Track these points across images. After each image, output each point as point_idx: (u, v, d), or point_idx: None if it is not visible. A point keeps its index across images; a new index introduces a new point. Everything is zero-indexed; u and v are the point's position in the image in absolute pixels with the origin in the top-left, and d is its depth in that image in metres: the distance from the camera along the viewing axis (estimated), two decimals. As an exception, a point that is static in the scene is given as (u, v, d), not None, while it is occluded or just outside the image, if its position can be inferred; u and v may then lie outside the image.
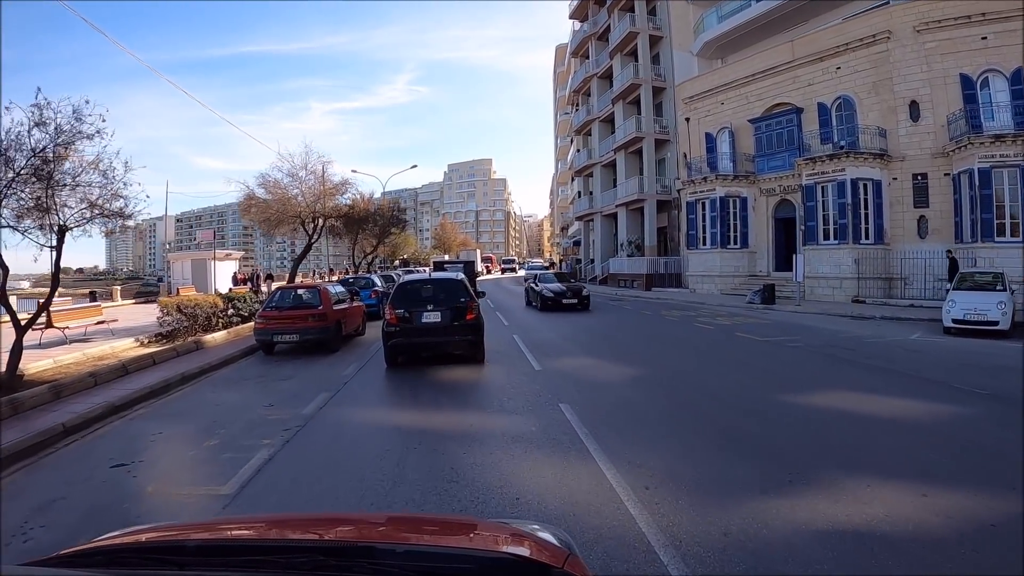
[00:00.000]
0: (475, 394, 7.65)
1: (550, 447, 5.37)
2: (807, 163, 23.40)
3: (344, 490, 4.63)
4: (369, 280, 19.24)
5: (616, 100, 34.98)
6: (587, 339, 12.92)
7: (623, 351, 11.02)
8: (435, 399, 7.38)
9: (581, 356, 10.45)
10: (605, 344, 12.03)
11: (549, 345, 11.87)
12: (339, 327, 11.82)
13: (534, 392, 7.54)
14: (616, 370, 8.94)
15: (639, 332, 13.84)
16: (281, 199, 20.40)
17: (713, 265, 26.47)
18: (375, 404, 7.50)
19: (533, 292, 21.41)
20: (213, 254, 19.59)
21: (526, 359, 10.16)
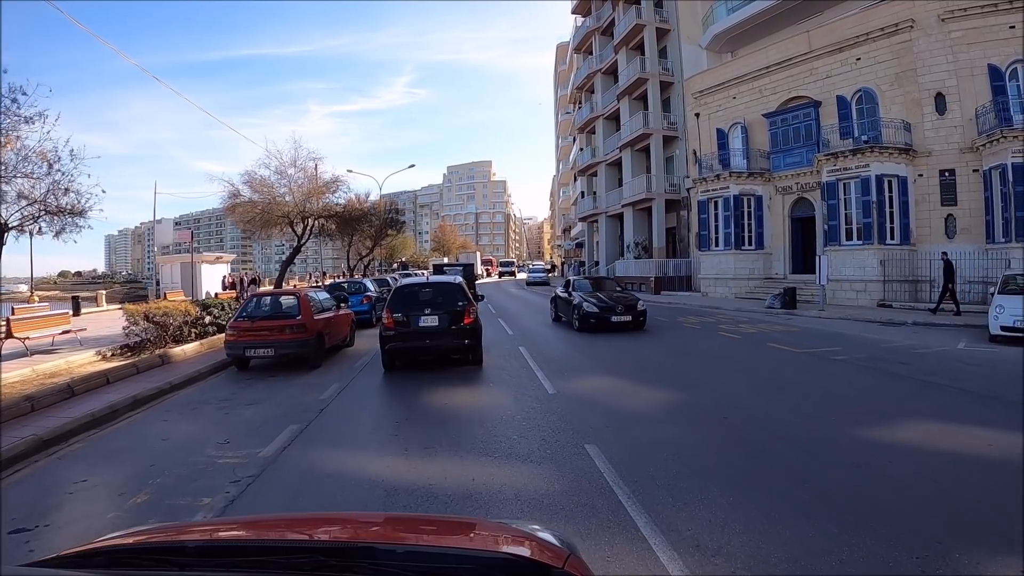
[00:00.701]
0: (477, 429, 6.18)
1: (582, 517, 3.92)
2: (828, 159, 22.00)
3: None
4: (361, 285, 17.79)
5: (621, 96, 33.59)
6: (603, 351, 11.49)
7: (648, 368, 9.55)
8: (428, 437, 5.90)
9: (599, 374, 8.99)
10: (625, 358, 10.56)
11: (563, 361, 10.41)
12: (321, 339, 10.38)
13: (551, 426, 6.08)
14: (645, 394, 7.49)
15: (661, 344, 12.34)
16: (268, 198, 18.94)
17: (727, 267, 25.03)
18: (352, 444, 6.01)
19: (565, 304, 15.93)
20: (191, 257, 18.04)
21: (536, 378, 8.73)
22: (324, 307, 11.19)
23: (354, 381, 9.05)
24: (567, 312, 15.70)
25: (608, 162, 36.95)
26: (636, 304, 14.80)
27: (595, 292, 15.59)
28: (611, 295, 15.34)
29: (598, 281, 17.90)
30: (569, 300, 15.44)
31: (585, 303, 14.45)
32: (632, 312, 14.45)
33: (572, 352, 11.30)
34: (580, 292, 15.46)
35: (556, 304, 17.30)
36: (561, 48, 68.77)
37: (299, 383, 9.13)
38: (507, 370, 9.24)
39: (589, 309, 14.28)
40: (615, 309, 14.29)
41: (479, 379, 8.65)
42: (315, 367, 10.20)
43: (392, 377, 9.34)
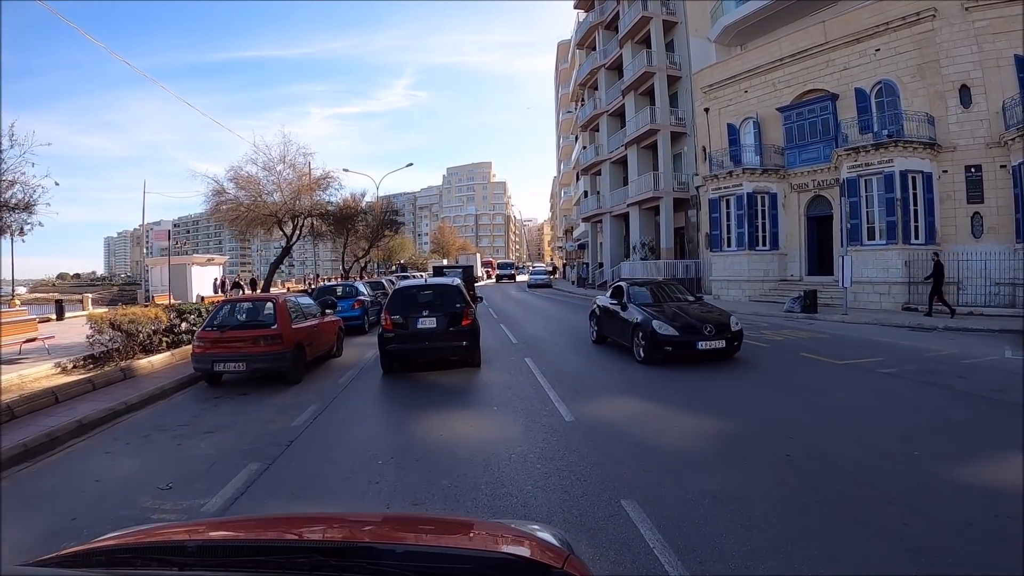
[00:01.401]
0: (481, 474, 4.78)
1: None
2: (848, 154, 20.81)
3: None
4: (353, 288, 16.53)
5: (627, 91, 32.38)
6: (617, 367, 10.25)
7: (674, 384, 8.33)
8: (418, 488, 4.56)
9: (620, 393, 7.73)
10: (643, 372, 9.32)
11: (576, 377, 9.17)
12: (300, 351, 9.14)
13: (574, 471, 4.77)
14: (681, 421, 6.21)
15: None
16: (253, 195, 17.68)
17: (740, 269, 23.79)
18: (318, 495, 4.66)
19: (615, 321, 11.37)
20: (169, 259, 16.83)
21: (548, 399, 7.48)
22: (306, 314, 9.95)
23: (336, 401, 7.81)
24: (620, 332, 11.03)
25: (612, 160, 35.72)
26: (728, 321, 10.05)
27: (660, 304, 11.07)
28: (686, 308, 10.80)
29: (659, 287, 12.68)
30: (623, 316, 10.87)
31: (655, 322, 9.72)
32: (724, 334, 9.64)
33: (584, 365, 10.03)
34: (640, 305, 10.79)
35: (599, 320, 12.47)
36: (562, 46, 67.57)
37: (272, 403, 7.90)
38: (513, 388, 8.01)
39: (664, 331, 9.51)
40: (701, 329, 9.59)
41: (481, 400, 7.42)
42: (294, 382, 8.98)
43: (380, 395, 8.16)
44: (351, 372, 9.86)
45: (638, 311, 10.51)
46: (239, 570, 1.36)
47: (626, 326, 10.67)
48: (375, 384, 8.97)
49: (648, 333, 9.72)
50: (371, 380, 9.26)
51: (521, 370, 9.41)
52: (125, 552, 1.52)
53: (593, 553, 3.39)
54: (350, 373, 9.76)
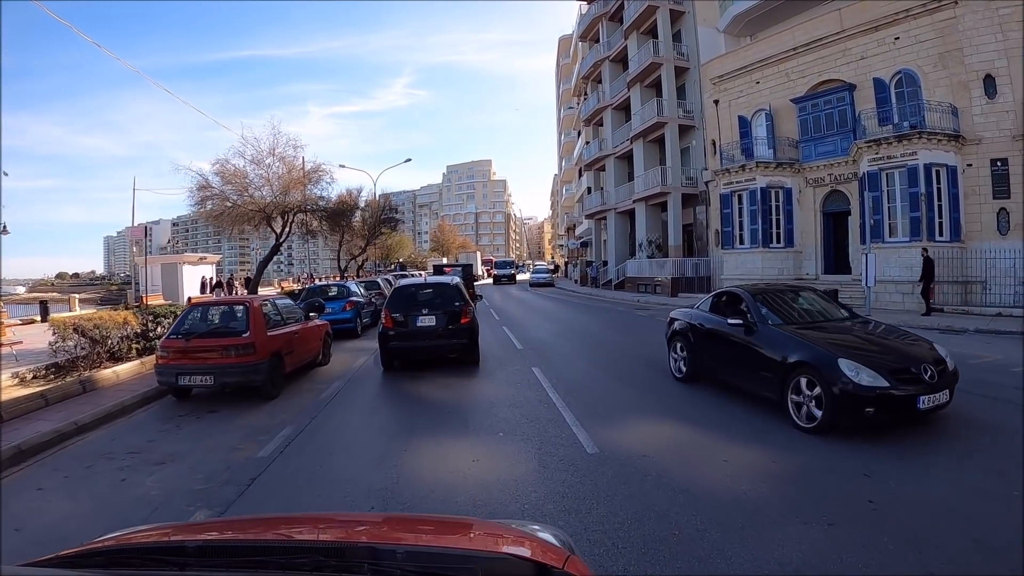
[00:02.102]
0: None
1: None
2: (869, 146, 19.72)
3: None
4: (345, 288, 15.40)
5: (632, 83, 31.25)
6: (640, 376, 9.16)
7: (711, 404, 7.12)
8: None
9: (647, 411, 6.63)
10: (671, 386, 8.13)
11: (592, 391, 8.08)
12: (277, 362, 8.05)
13: (603, 528, 3.68)
14: (734, 453, 5.12)
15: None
16: (240, 189, 16.55)
17: (753, 267, 22.69)
18: None
19: (738, 354, 7.03)
20: (145, 258, 15.64)
21: (562, 421, 6.40)
22: (286, 319, 8.85)
23: (315, 422, 6.71)
24: (748, 372, 6.88)
25: (617, 155, 34.58)
26: (942, 356, 6.10)
27: (816, 324, 6.98)
28: (863, 332, 6.69)
29: (792, 296, 7.96)
30: (754, 346, 6.72)
31: (844, 362, 5.63)
32: (945, 379, 5.82)
33: (601, 377, 8.89)
34: (789, 328, 6.64)
35: (691, 346, 8.10)
36: (563, 41, 66.43)
37: (241, 424, 6.81)
38: (521, 406, 6.91)
39: (867, 381, 5.46)
40: (921, 374, 5.65)
41: (484, 423, 6.29)
42: (271, 397, 7.89)
43: (366, 415, 7.07)
44: (336, 384, 8.76)
45: (791, 339, 6.26)
46: (239, 570, 1.35)
47: (765, 364, 6.37)
48: (361, 400, 7.92)
49: (831, 381, 5.49)
50: (358, 394, 8.19)
51: (529, 382, 8.33)
52: (125, 552, 1.52)
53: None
54: (335, 385, 8.66)
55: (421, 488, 4.51)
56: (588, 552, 3.28)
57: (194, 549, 1.49)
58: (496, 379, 8.54)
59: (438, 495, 4.33)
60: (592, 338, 13.59)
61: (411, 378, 9.08)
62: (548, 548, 1.53)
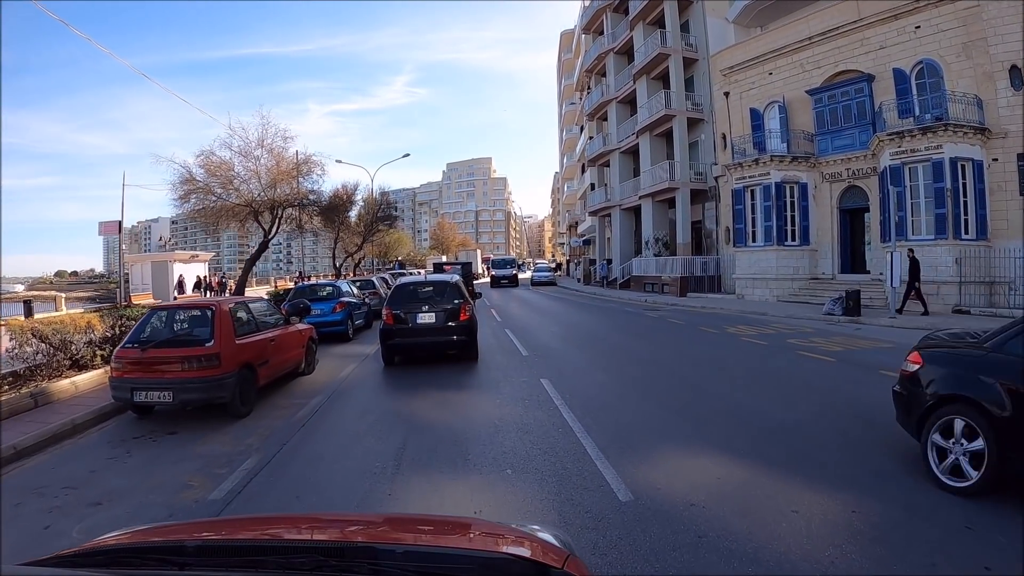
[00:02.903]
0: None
1: None
2: (891, 139, 18.69)
3: None
4: (335, 288, 14.31)
5: (638, 75, 30.16)
6: (667, 390, 8.09)
7: (757, 423, 5.96)
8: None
9: (696, 442, 5.59)
10: (705, 403, 7.00)
11: (615, 410, 7.00)
12: (248, 375, 6.98)
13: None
14: (815, 503, 4.04)
15: (732, 373, 8.69)
16: (224, 182, 15.43)
17: (768, 266, 21.64)
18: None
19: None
20: (120, 255, 14.47)
21: (584, 455, 5.34)
22: (261, 324, 7.77)
23: (285, 451, 5.60)
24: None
25: (622, 150, 33.48)
26: None
27: None
28: None
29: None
30: None
31: None
32: None
33: (622, 391, 7.77)
34: None
35: (1003, 423, 3.91)
36: (566, 36, 65.25)
37: (200, 452, 5.75)
38: (532, 432, 5.80)
39: None
40: None
41: (489, 455, 5.10)
42: (240, 416, 6.81)
43: (348, 441, 5.97)
44: (317, 399, 7.64)
45: None
46: (239, 570, 1.35)
47: None
48: (344, 420, 6.82)
49: None
50: (340, 412, 7.11)
51: (538, 398, 7.24)
52: (125, 552, 1.50)
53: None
54: (316, 401, 7.54)
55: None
56: None
57: (194, 549, 1.49)
58: (501, 393, 7.48)
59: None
60: (604, 343, 12.49)
61: (403, 391, 8.05)
62: (548, 548, 1.51)
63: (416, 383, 8.42)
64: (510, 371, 9.06)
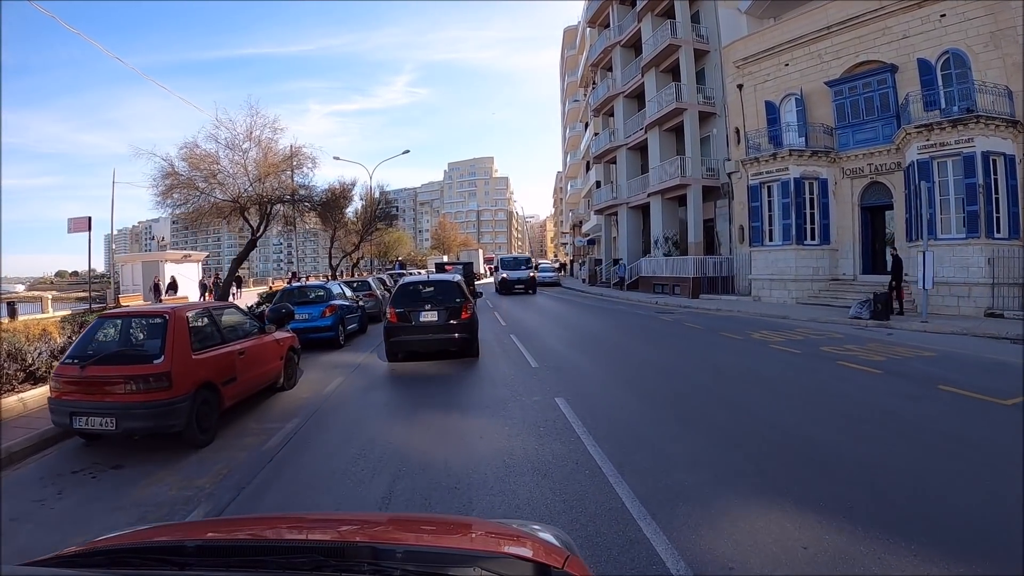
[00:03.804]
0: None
1: None
2: (919, 132, 17.58)
3: None
4: (325, 290, 13.17)
5: (647, 68, 29.04)
6: (709, 415, 6.98)
7: (840, 477, 4.53)
8: None
9: (757, 493, 4.42)
10: (761, 434, 5.80)
11: (658, 446, 5.95)
12: (209, 396, 5.89)
13: None
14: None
15: (777, 391, 7.54)
16: (208, 176, 14.29)
17: (786, 266, 20.51)
18: None
19: None
20: (89, 252, 13.41)
21: (624, 514, 4.24)
22: (227, 335, 6.67)
23: (242, 498, 4.42)
24: None
25: (629, 146, 32.33)
26: None
27: None
28: None
29: None
30: None
31: None
32: None
33: (650, 415, 6.71)
34: None
35: None
36: (569, 32, 64.17)
37: (142, 496, 4.65)
38: (550, 474, 4.60)
39: None
40: None
41: (499, 514, 4.07)
42: (199, 445, 5.73)
43: (323, 484, 4.85)
44: (295, 422, 6.51)
45: None
46: (239, 570, 1.34)
47: None
48: (321, 451, 5.67)
49: None
50: (319, 440, 5.95)
51: (555, 425, 6.03)
52: (125, 552, 1.50)
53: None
54: (292, 425, 6.42)
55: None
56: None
57: (194, 549, 1.48)
58: (510, 417, 6.35)
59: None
60: (620, 352, 11.38)
61: (395, 413, 6.95)
62: (548, 548, 1.51)
63: (410, 401, 7.35)
64: (519, 387, 7.95)
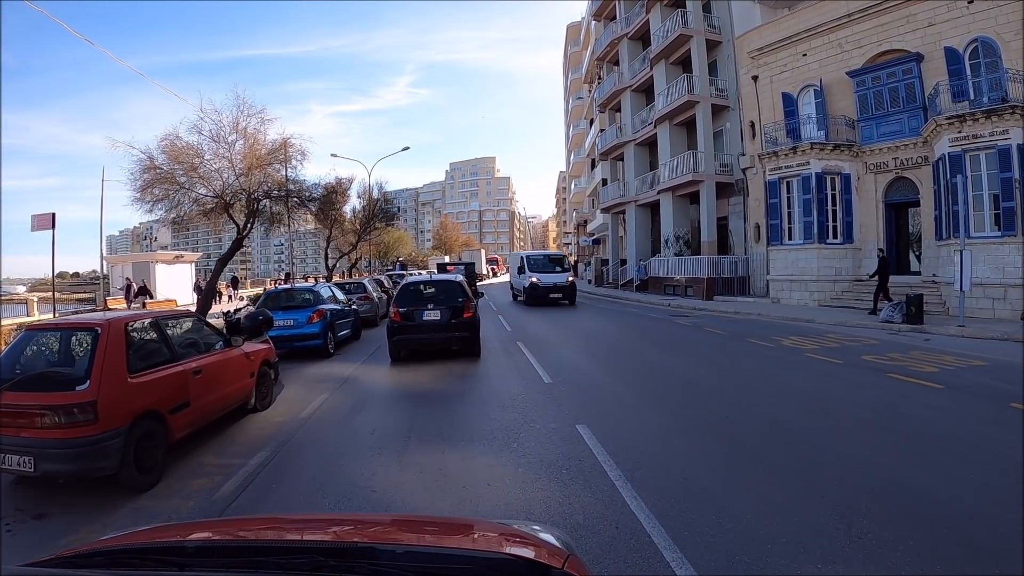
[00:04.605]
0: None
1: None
2: (951, 123, 16.48)
3: None
4: (312, 294, 11.95)
5: (656, 61, 27.89)
6: (777, 453, 5.80)
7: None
8: None
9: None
10: (859, 482, 4.69)
11: (712, 500, 4.81)
12: (152, 428, 4.74)
13: None
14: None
15: (837, 412, 6.40)
16: (188, 169, 13.13)
17: (808, 266, 19.34)
18: None
19: None
20: (52, 248, 12.25)
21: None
22: (181, 350, 5.53)
23: None
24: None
25: (637, 142, 31.14)
26: None
27: None
28: None
29: None
30: None
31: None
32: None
33: (700, 446, 5.53)
34: None
35: None
36: (572, 29, 63.01)
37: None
38: (585, 540, 3.47)
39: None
40: None
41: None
42: (141, 488, 4.62)
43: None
44: (260, 456, 5.35)
45: None
46: (239, 570, 1.34)
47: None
48: (286, 501, 4.49)
49: None
50: (284, 485, 4.74)
51: (581, 467, 4.82)
52: (125, 552, 1.49)
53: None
54: (256, 460, 5.28)
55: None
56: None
57: (194, 549, 1.48)
58: (525, 455, 5.16)
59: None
60: (643, 363, 10.17)
61: (383, 444, 5.71)
62: (548, 548, 1.49)
63: (402, 429, 6.17)
64: (532, 410, 6.76)
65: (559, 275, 23.54)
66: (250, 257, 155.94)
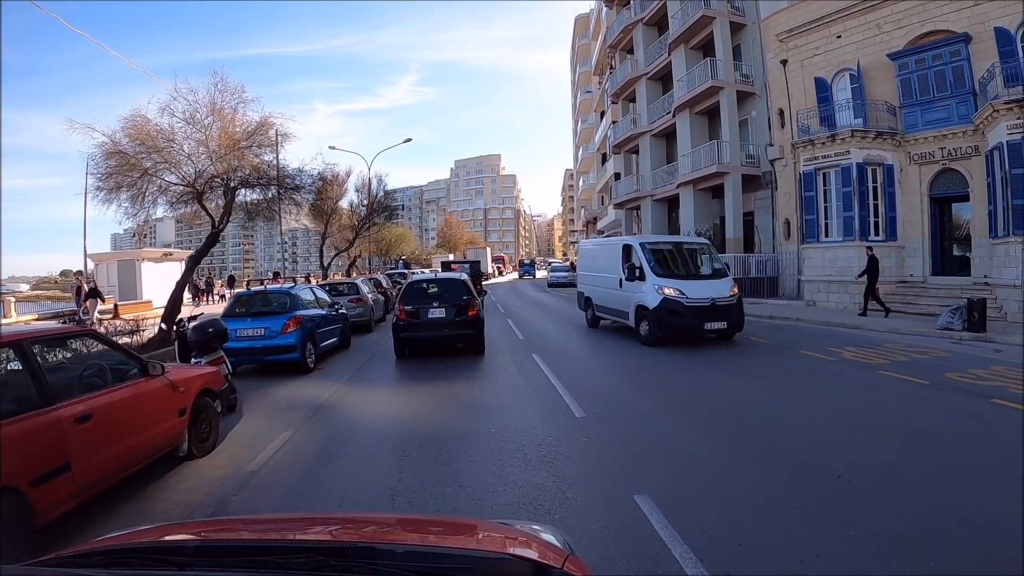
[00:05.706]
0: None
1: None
2: (1010, 108, 14.81)
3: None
4: (289, 297, 10.12)
5: (675, 46, 26.11)
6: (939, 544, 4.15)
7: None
8: None
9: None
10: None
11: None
12: (5, 506, 3.12)
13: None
14: None
15: (954, 456, 4.86)
16: (152, 150, 11.35)
17: (847, 265, 17.52)
18: None
19: None
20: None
21: None
22: (61, 387, 3.74)
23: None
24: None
25: (653, 133, 29.34)
26: None
27: None
28: None
29: None
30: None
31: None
32: None
33: (818, 524, 3.93)
34: None
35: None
36: (580, 21, 61.16)
37: None
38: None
39: None
40: None
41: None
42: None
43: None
44: (209, 502, 3.73)
45: None
46: (239, 570, 1.32)
47: None
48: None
49: None
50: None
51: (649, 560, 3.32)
52: (125, 552, 1.48)
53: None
54: (205, 506, 3.63)
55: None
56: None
57: (194, 549, 1.48)
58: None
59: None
60: (697, 386, 8.21)
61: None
62: (548, 548, 1.48)
63: (383, 497, 4.36)
64: (566, 467, 4.84)
65: (714, 283, 12.27)
66: (253, 256, 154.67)
